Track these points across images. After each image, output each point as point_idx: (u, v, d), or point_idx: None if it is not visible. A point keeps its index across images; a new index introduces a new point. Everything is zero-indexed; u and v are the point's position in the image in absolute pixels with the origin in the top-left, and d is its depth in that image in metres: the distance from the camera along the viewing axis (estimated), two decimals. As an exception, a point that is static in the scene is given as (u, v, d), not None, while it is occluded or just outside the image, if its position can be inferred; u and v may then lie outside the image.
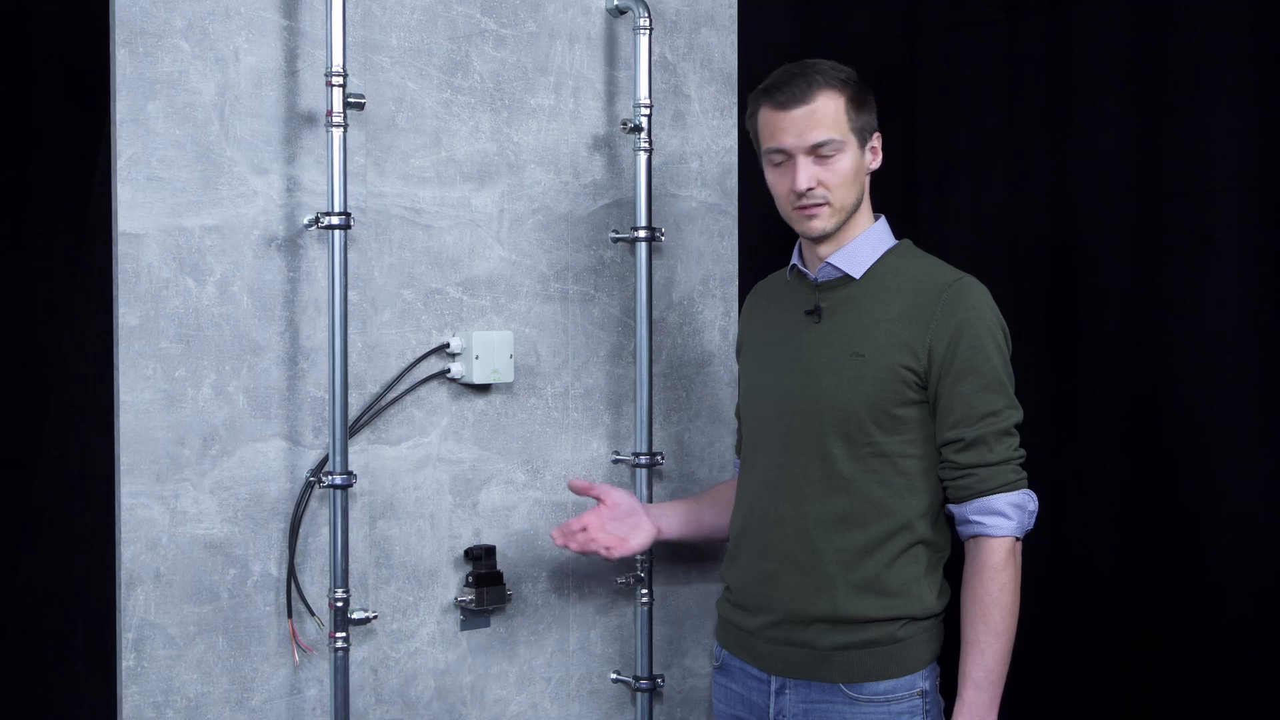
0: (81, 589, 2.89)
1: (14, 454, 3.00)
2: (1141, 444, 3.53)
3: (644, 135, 2.95)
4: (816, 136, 2.45)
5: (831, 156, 2.46)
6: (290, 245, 2.66)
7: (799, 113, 2.46)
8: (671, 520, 2.80)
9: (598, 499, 2.75)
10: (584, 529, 2.72)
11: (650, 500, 3.00)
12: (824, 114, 2.45)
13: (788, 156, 2.48)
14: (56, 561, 2.98)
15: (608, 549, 2.71)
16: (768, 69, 2.57)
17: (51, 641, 2.98)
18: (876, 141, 2.53)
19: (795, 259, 2.60)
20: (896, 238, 2.60)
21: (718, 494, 2.85)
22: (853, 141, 2.48)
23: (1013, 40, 3.75)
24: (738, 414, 2.82)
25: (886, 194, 3.81)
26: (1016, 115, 3.74)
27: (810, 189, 2.47)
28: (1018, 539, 2.45)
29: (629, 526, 2.75)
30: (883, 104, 3.89)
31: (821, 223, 2.50)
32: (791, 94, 2.46)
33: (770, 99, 2.50)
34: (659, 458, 3.02)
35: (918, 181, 3.91)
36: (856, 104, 2.48)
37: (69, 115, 2.81)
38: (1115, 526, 3.57)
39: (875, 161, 2.54)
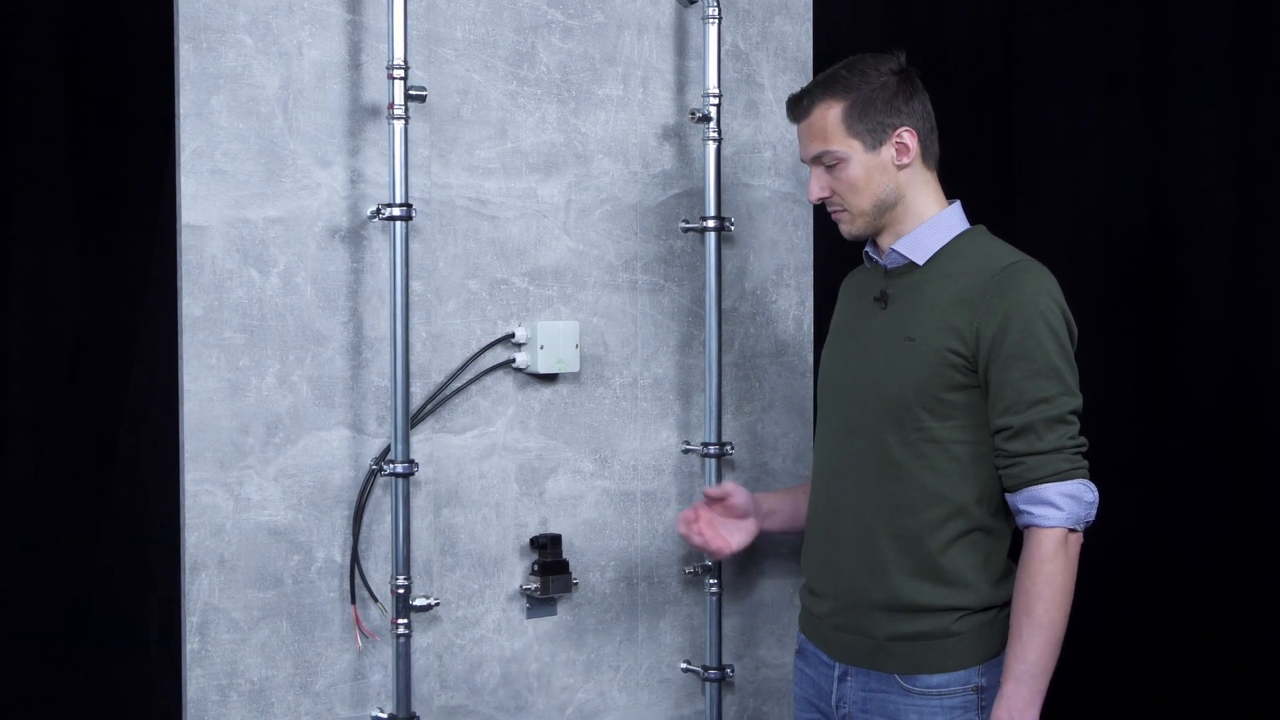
0: (154, 575, 2.90)
1: (97, 444, 3.02)
2: (1239, 435, 3.38)
3: (713, 125, 2.87)
4: (814, 149, 2.46)
5: (835, 166, 2.44)
6: (354, 236, 2.63)
7: (801, 127, 2.49)
8: (779, 518, 2.79)
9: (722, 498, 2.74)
10: (697, 519, 2.72)
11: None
12: (818, 127, 2.45)
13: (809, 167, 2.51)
14: (132, 548, 2.99)
15: (718, 550, 2.72)
16: (847, 57, 2.50)
17: (128, 627, 3.00)
18: (906, 137, 2.42)
19: (868, 246, 2.53)
20: (981, 224, 2.50)
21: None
22: (855, 147, 2.42)
23: (1110, 26, 3.62)
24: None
25: (983, 181, 3.71)
26: (1113, 101, 3.61)
27: (823, 198, 2.48)
28: (1071, 530, 2.31)
29: (734, 529, 2.74)
30: (979, 90, 3.81)
31: (846, 227, 2.50)
32: (793, 109, 2.51)
33: (786, 111, 2.54)
34: (728, 448, 2.93)
35: (1014, 169, 3.79)
36: (863, 105, 2.41)
37: (152, 110, 2.80)
38: (1213, 519, 3.43)
39: (905, 157, 2.42)
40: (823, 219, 3.09)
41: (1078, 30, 3.66)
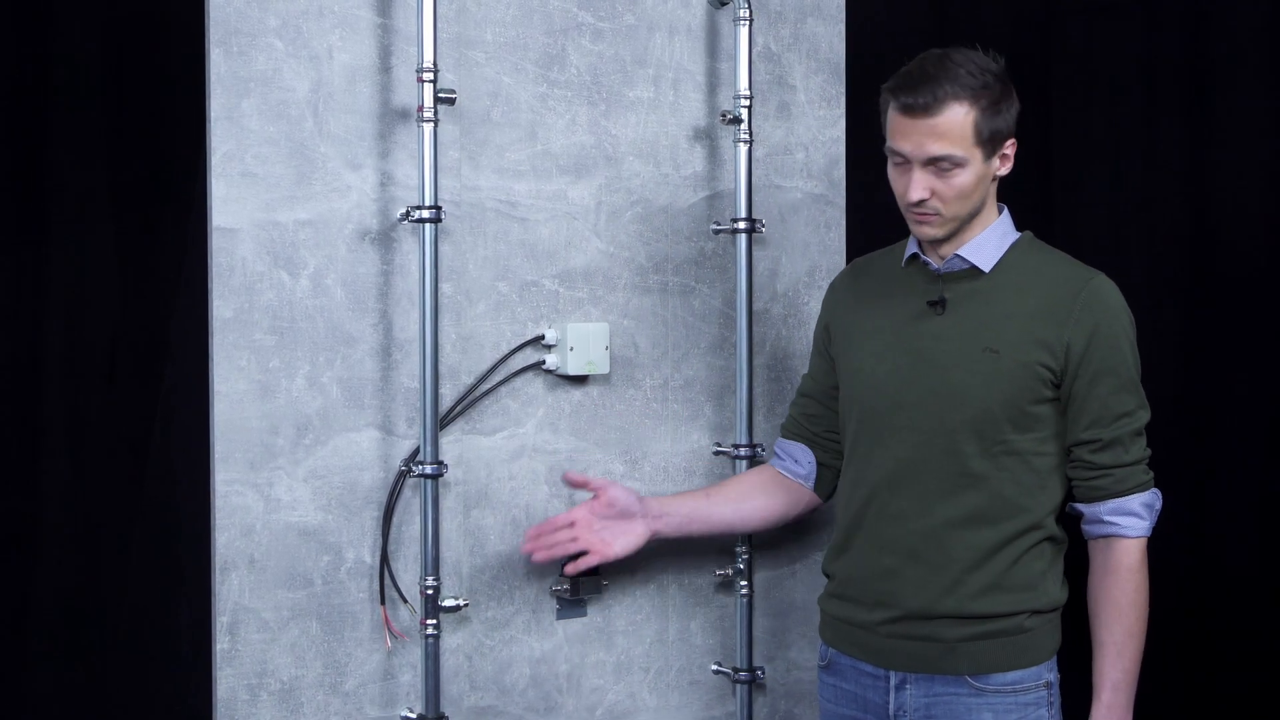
0: (185, 575, 2.91)
1: (131, 444, 3.03)
2: (1280, 438, 3.34)
3: (744, 127, 2.85)
4: (935, 150, 2.28)
5: (949, 170, 2.30)
6: (384, 239, 2.62)
7: (922, 123, 2.28)
8: (673, 520, 2.65)
9: (594, 493, 2.61)
10: (571, 524, 2.58)
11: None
12: (948, 128, 2.27)
13: (906, 160, 2.33)
14: (163, 548, 3.00)
15: (587, 554, 2.58)
16: (881, 57, 2.44)
17: (159, 626, 3.01)
18: (1009, 149, 2.35)
19: (914, 247, 2.47)
20: (1025, 228, 2.48)
21: (732, 490, 2.72)
22: (977, 156, 2.30)
23: (1149, 25, 3.57)
24: (802, 393, 2.70)
25: (1023, 183, 3.66)
26: (1153, 101, 3.56)
27: (923, 200, 2.32)
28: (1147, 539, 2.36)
29: (619, 530, 2.60)
30: (1017, 90, 3.75)
31: (931, 230, 2.37)
32: (918, 101, 2.27)
33: (897, 100, 2.31)
34: (760, 449, 2.91)
35: (1054, 170, 3.75)
36: (990, 113, 2.29)
37: (186, 113, 2.80)
38: (1254, 524, 3.38)
39: (1005, 168, 2.37)
40: (855, 221, 3.07)
41: (1117, 29, 3.62)
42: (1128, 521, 2.33)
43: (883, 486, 2.44)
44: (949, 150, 2.28)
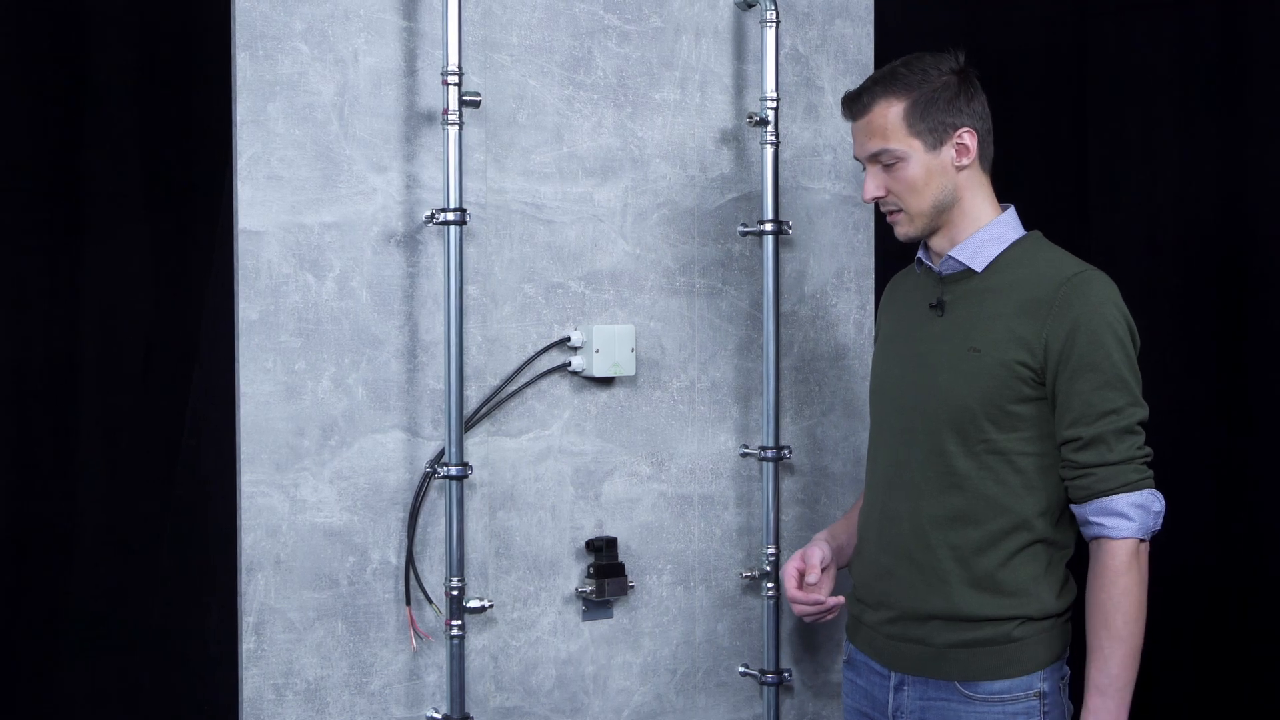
0: (213, 575, 2.90)
1: (164, 445, 3.02)
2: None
3: (770, 128, 2.81)
4: (872, 147, 2.36)
5: (893, 165, 2.34)
6: (410, 241, 2.60)
7: (859, 125, 2.39)
8: (846, 551, 2.60)
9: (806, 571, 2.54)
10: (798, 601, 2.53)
11: (777, 493, 2.87)
12: (877, 125, 2.34)
13: (864, 166, 2.41)
14: (193, 549, 2.99)
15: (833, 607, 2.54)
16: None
17: (187, 626, 3.00)
18: (966, 138, 2.33)
19: (921, 251, 2.46)
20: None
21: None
22: (918, 146, 2.32)
23: (1184, 24, 3.52)
24: None
25: (1057, 181, 3.62)
26: (1188, 100, 3.51)
27: (879, 197, 2.39)
28: (1141, 540, 2.26)
29: (825, 581, 2.55)
30: (1052, 91, 3.71)
31: (902, 229, 2.40)
32: (850, 107, 2.40)
33: (842, 109, 2.44)
34: (786, 451, 2.87)
35: (1089, 168, 3.70)
36: (926, 104, 2.32)
37: (215, 116, 2.79)
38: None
39: (966, 158, 2.34)
40: (884, 221, 3.03)
41: (1151, 29, 3.56)
42: (1113, 522, 2.24)
43: (883, 488, 2.43)
44: (883, 145, 2.34)
